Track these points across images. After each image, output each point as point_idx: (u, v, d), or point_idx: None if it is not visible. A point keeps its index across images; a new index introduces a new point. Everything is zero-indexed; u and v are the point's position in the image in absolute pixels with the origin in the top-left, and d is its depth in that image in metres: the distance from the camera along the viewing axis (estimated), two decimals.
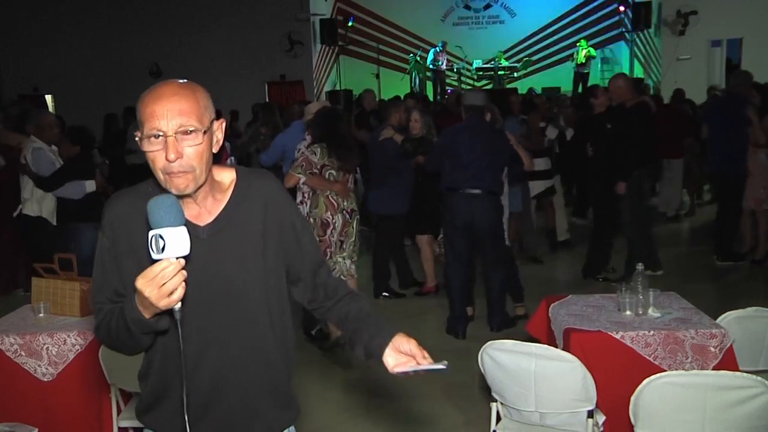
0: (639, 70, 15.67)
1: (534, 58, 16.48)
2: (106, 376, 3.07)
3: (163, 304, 1.43)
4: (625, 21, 15.93)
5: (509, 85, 15.44)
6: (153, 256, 1.41)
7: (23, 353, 3.18)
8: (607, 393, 2.86)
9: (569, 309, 3.38)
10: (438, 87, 15.68)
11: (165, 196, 1.46)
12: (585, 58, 15.17)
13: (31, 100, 15.01)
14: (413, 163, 5.90)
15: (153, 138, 1.52)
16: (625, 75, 8.61)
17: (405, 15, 16.89)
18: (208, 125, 1.57)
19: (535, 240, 7.43)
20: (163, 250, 1.40)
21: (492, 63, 16.00)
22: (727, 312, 3.17)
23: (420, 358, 1.68)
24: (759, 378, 2.44)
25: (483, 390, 3.76)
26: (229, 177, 1.71)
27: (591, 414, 2.78)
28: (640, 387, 2.52)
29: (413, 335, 1.72)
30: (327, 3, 16.89)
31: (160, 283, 1.40)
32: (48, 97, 16.42)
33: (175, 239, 1.40)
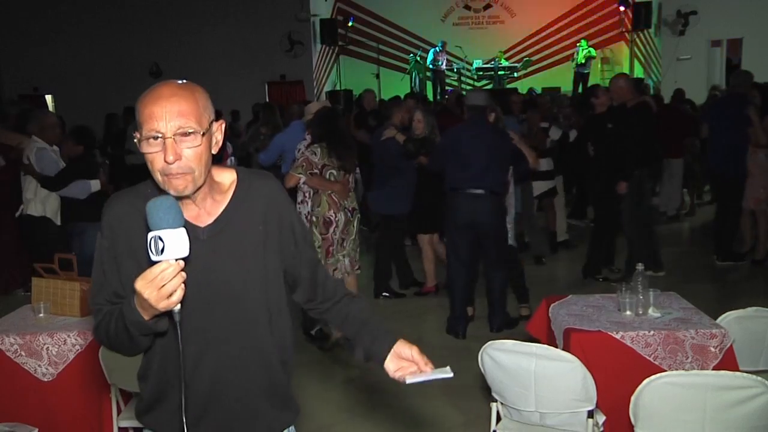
0: (639, 70, 15.66)
1: (534, 58, 16.47)
2: (106, 376, 3.07)
3: (163, 305, 1.42)
4: (625, 21, 15.93)
5: (509, 85, 15.43)
6: (152, 257, 1.40)
7: (23, 353, 3.18)
8: (607, 393, 2.86)
9: (569, 309, 3.38)
10: (438, 87, 15.68)
11: (164, 197, 1.46)
12: (585, 58, 15.17)
13: (31, 100, 15.02)
14: (415, 163, 5.90)
15: (152, 139, 1.52)
16: (626, 75, 8.62)
17: (405, 15, 16.89)
18: (207, 127, 1.57)
19: (538, 240, 7.43)
20: (163, 251, 1.39)
21: (492, 63, 15.99)
22: (727, 312, 3.17)
23: (422, 365, 1.69)
24: (759, 378, 2.44)
25: (483, 390, 3.75)
26: (230, 178, 1.70)
27: (591, 414, 2.78)
28: (640, 387, 2.52)
29: (413, 335, 1.73)
30: (327, 3, 16.90)
31: (159, 285, 1.40)
32: (48, 97, 16.43)
33: (175, 241, 1.40)
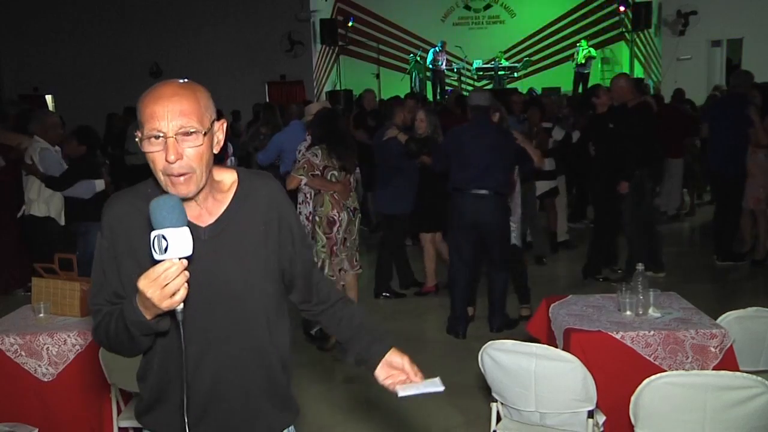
0: (639, 70, 15.65)
1: (534, 58, 16.47)
2: (106, 376, 3.07)
3: (166, 305, 1.42)
4: (626, 21, 15.93)
5: (509, 85, 15.42)
6: (155, 256, 1.40)
7: (23, 353, 3.18)
8: (608, 393, 2.86)
9: (569, 309, 3.38)
10: (438, 87, 15.68)
11: (168, 196, 1.45)
12: (585, 58, 15.16)
13: (31, 100, 15.01)
14: (418, 163, 5.89)
15: (153, 139, 1.51)
16: (627, 75, 8.60)
17: (405, 15, 16.89)
18: (208, 126, 1.57)
19: (541, 240, 7.43)
20: (166, 250, 1.38)
21: (492, 63, 15.99)
22: (728, 312, 3.17)
23: (412, 375, 1.73)
24: (759, 378, 2.44)
25: (483, 390, 3.75)
26: (230, 178, 1.70)
27: (591, 414, 2.78)
28: (640, 387, 2.52)
29: (413, 335, 1.74)
30: (327, 3, 16.89)
31: (162, 284, 1.39)
32: (48, 97, 16.43)
33: (178, 240, 1.39)
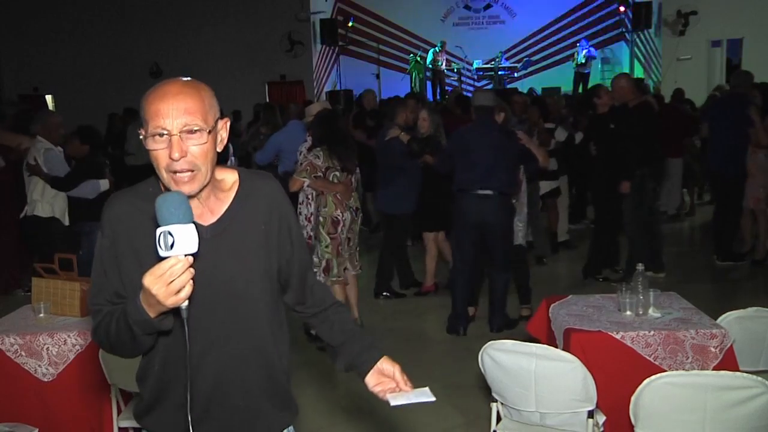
0: (639, 70, 15.65)
1: (534, 58, 16.47)
2: (106, 376, 3.07)
3: (171, 302, 1.41)
4: (626, 21, 15.93)
5: (509, 85, 15.43)
6: (161, 253, 1.39)
7: (23, 353, 3.18)
8: (608, 393, 2.86)
9: (569, 309, 3.38)
10: (438, 87, 15.68)
11: (174, 192, 1.45)
12: (585, 58, 15.16)
13: (31, 100, 15.01)
14: (420, 163, 5.89)
15: (158, 136, 1.52)
16: (628, 75, 8.59)
17: (405, 15, 16.89)
18: (212, 124, 1.57)
19: (542, 240, 7.43)
20: (172, 247, 1.38)
21: (492, 63, 15.99)
22: (728, 312, 3.17)
23: (402, 384, 1.74)
24: (759, 378, 2.44)
25: (483, 390, 3.76)
26: (232, 177, 1.70)
27: (591, 414, 2.78)
28: (640, 387, 2.52)
29: (413, 335, 1.74)
30: (327, 3, 16.89)
31: (168, 281, 1.39)
32: (48, 97, 16.42)
33: (185, 236, 1.38)
